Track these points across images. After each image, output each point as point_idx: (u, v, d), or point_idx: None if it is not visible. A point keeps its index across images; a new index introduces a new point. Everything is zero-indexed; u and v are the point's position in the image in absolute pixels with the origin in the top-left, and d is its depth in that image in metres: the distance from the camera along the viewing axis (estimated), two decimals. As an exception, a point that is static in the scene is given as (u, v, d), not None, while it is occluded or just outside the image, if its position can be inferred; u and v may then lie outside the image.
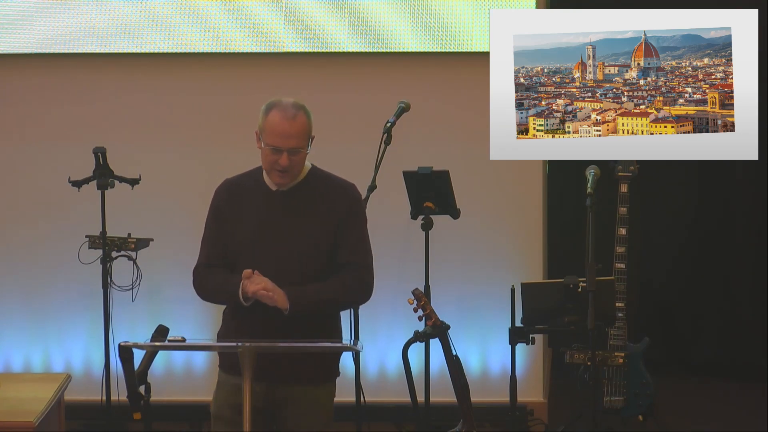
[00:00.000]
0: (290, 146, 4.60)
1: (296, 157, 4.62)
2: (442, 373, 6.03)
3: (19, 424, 5.06)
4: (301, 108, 4.64)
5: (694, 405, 7.51)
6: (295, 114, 4.61)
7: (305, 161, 4.72)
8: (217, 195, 4.79)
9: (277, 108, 4.63)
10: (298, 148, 4.61)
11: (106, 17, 7.02)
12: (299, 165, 4.66)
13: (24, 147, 7.18)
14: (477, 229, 7.05)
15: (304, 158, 4.67)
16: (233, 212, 4.71)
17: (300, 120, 4.61)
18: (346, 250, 4.66)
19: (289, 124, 4.60)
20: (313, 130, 4.69)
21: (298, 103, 4.66)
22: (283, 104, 4.64)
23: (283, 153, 4.60)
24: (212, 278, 4.72)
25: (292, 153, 4.60)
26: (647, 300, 8.09)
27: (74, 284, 7.09)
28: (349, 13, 6.98)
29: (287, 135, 4.60)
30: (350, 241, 4.67)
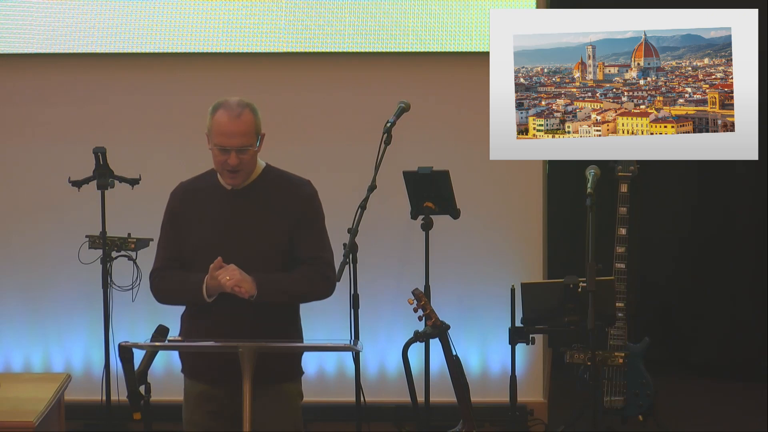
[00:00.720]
0: (237, 145, 4.58)
1: (245, 155, 4.60)
2: (442, 373, 6.03)
3: (19, 424, 5.06)
4: (247, 106, 4.63)
5: (694, 405, 7.51)
6: (240, 112, 4.60)
7: (257, 160, 4.70)
8: (173, 198, 4.79)
9: (222, 108, 4.62)
10: (245, 146, 4.59)
11: (106, 17, 7.02)
12: (250, 164, 4.64)
13: (24, 147, 7.18)
14: (477, 229, 7.05)
15: (253, 156, 4.65)
16: (189, 214, 4.71)
17: (245, 118, 4.60)
18: (306, 247, 4.66)
19: (235, 123, 4.58)
20: (262, 128, 4.67)
21: (244, 101, 4.65)
22: (228, 103, 4.62)
23: (230, 152, 4.59)
24: (170, 279, 4.72)
25: (240, 152, 4.59)
26: (647, 300, 8.09)
27: (74, 284, 7.09)
28: (349, 13, 6.98)
29: (233, 134, 4.58)
30: (309, 238, 4.67)
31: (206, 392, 4.68)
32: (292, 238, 4.64)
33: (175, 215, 4.74)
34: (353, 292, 5.96)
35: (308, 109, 7.12)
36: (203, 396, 4.69)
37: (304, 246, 4.66)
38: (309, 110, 7.12)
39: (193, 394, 4.72)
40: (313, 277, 4.66)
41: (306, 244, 4.66)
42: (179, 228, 4.71)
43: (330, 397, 7.10)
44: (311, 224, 4.69)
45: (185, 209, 4.72)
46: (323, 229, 4.74)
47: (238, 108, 4.60)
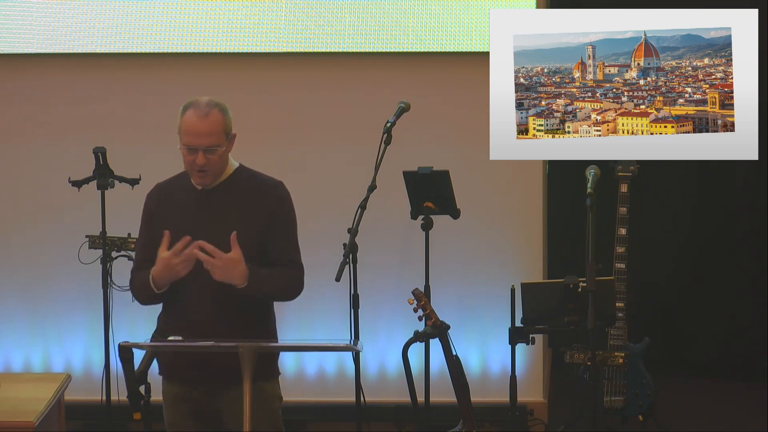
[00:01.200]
0: (204, 144, 4.58)
1: (213, 155, 4.59)
2: (442, 373, 6.03)
3: (19, 424, 5.06)
4: (216, 105, 4.62)
5: (694, 405, 7.51)
6: (208, 112, 4.59)
7: (228, 159, 4.69)
8: (148, 199, 4.81)
9: (191, 107, 4.62)
10: (213, 146, 4.58)
11: (106, 17, 7.02)
12: (218, 164, 4.63)
13: (24, 147, 7.18)
14: (477, 229, 7.05)
15: (222, 156, 4.63)
16: (163, 215, 4.71)
17: (213, 118, 4.59)
18: (277, 250, 4.66)
19: (201, 122, 4.58)
20: (233, 128, 4.67)
21: (214, 100, 4.64)
22: (197, 103, 4.63)
23: (198, 152, 4.58)
24: (137, 278, 4.76)
25: (207, 152, 4.58)
26: (647, 300, 8.09)
27: (74, 284, 7.09)
28: (349, 13, 6.98)
29: (200, 133, 4.58)
30: (280, 241, 4.67)
31: (183, 393, 4.69)
32: (264, 240, 4.64)
33: (149, 216, 4.76)
34: (353, 292, 5.96)
35: (308, 109, 7.12)
36: (180, 397, 4.69)
37: (274, 248, 4.66)
38: (309, 110, 7.12)
39: (170, 396, 4.71)
40: (286, 278, 4.67)
41: (277, 247, 4.66)
42: (154, 229, 4.72)
43: (330, 397, 7.10)
44: (282, 226, 4.69)
45: (159, 210, 4.73)
46: (294, 231, 4.75)
47: (207, 108, 4.60)
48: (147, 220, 4.76)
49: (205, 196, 4.67)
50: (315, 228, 7.03)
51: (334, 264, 5.51)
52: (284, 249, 4.67)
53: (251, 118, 7.09)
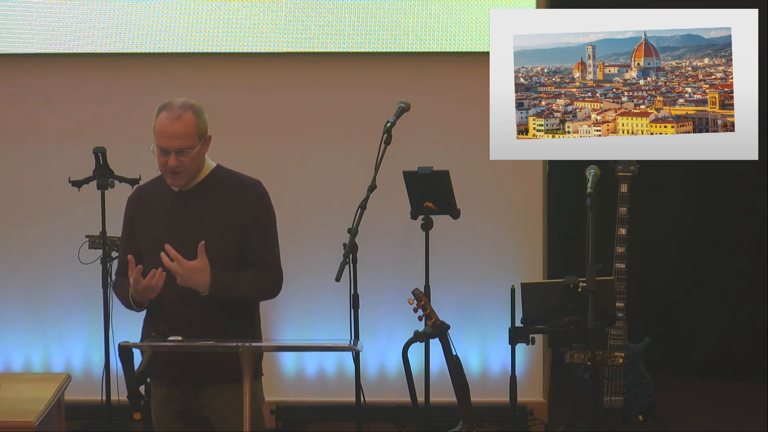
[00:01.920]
0: (175, 147, 4.57)
1: (184, 157, 4.58)
2: (442, 373, 6.03)
3: (19, 424, 5.06)
4: (190, 108, 4.60)
5: (694, 405, 7.51)
6: (181, 114, 4.57)
7: (204, 160, 4.68)
8: (129, 203, 4.81)
9: (165, 109, 4.61)
10: (184, 148, 4.57)
11: (107, 17, 7.02)
12: (191, 165, 4.61)
13: (24, 147, 7.18)
14: (477, 229, 7.05)
15: (195, 158, 4.61)
16: (141, 218, 4.72)
17: (185, 120, 4.57)
18: (254, 250, 4.65)
19: (173, 124, 4.56)
20: (208, 129, 4.65)
21: (189, 102, 4.62)
22: (171, 105, 4.61)
23: (170, 154, 4.58)
24: (118, 288, 4.77)
25: (179, 154, 4.57)
26: (647, 300, 8.09)
27: (74, 284, 7.09)
28: (349, 13, 6.98)
29: (172, 135, 4.56)
30: (257, 241, 4.66)
31: (168, 394, 4.69)
32: (242, 240, 4.64)
33: (129, 220, 4.77)
34: (353, 292, 5.96)
35: (308, 109, 7.12)
36: (166, 398, 4.70)
37: (252, 249, 4.66)
38: (309, 110, 7.12)
39: (157, 397, 4.71)
40: (261, 280, 4.66)
41: (254, 247, 4.66)
42: (132, 232, 4.73)
43: (330, 397, 7.10)
44: (259, 226, 4.68)
45: (138, 213, 4.74)
46: (272, 231, 4.73)
47: (180, 110, 4.58)
48: (126, 225, 4.78)
49: (181, 197, 4.67)
50: (315, 228, 7.04)
51: (334, 264, 5.51)
52: (260, 250, 4.67)
53: (251, 118, 7.10)
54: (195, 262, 4.52)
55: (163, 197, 4.69)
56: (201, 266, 4.53)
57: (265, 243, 4.69)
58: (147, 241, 4.67)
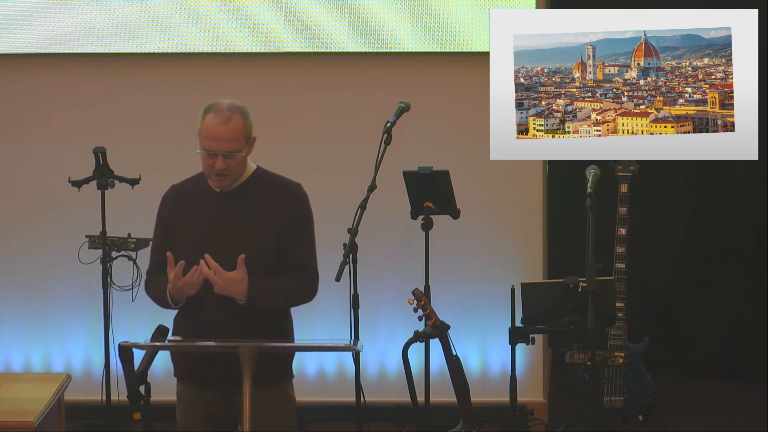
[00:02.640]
0: (224, 150, 4.56)
1: (232, 160, 4.58)
2: (442, 373, 6.03)
3: (19, 424, 5.05)
4: (237, 110, 4.59)
5: (694, 405, 7.51)
6: (229, 117, 4.56)
7: (246, 163, 4.68)
8: (164, 202, 4.79)
9: (212, 111, 4.59)
10: (232, 151, 4.57)
11: (106, 17, 7.02)
12: (237, 168, 4.62)
13: (24, 147, 7.18)
14: (477, 229, 7.05)
15: (241, 161, 4.62)
16: (179, 217, 4.70)
17: (233, 123, 4.57)
18: (294, 253, 4.65)
19: (222, 127, 4.56)
20: (253, 131, 4.65)
21: (235, 104, 4.61)
22: (218, 107, 4.60)
23: (218, 157, 4.57)
24: (151, 286, 4.75)
25: (227, 157, 4.57)
26: (647, 300, 8.09)
27: (74, 284, 7.09)
28: (349, 13, 6.98)
29: (220, 138, 4.56)
30: (297, 243, 4.66)
31: (197, 395, 4.68)
32: (281, 242, 4.63)
33: (165, 219, 4.75)
34: (353, 292, 5.96)
35: (308, 109, 7.12)
36: (193, 399, 4.69)
37: (291, 252, 4.65)
38: (309, 110, 7.12)
39: (185, 397, 4.71)
40: (299, 284, 4.67)
41: (294, 250, 4.66)
42: (169, 231, 4.71)
43: (330, 397, 7.10)
44: (300, 229, 4.68)
45: (175, 212, 4.72)
46: (311, 234, 4.74)
47: (228, 112, 4.57)
48: (161, 223, 4.75)
49: (223, 198, 4.66)
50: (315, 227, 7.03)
51: (334, 264, 5.50)
52: (299, 253, 4.66)
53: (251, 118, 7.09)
54: (233, 274, 4.51)
55: (203, 197, 4.68)
56: (239, 278, 4.52)
57: (304, 246, 4.68)
58: (186, 240, 4.65)
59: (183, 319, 4.72)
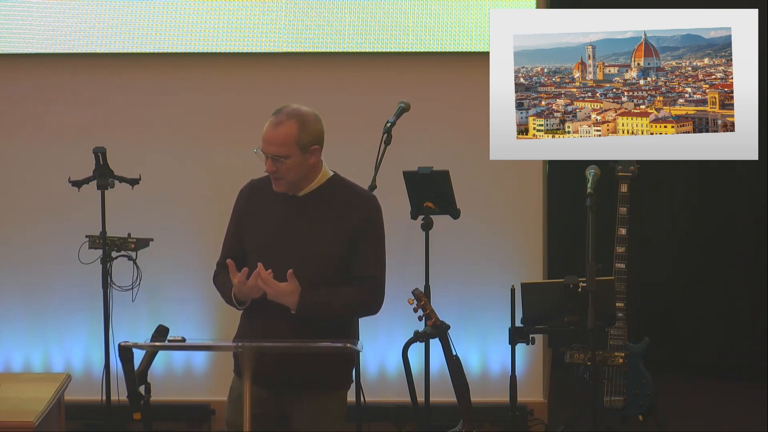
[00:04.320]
0: (271, 153, 4.57)
1: (281, 165, 4.57)
2: (442, 373, 6.03)
3: (19, 424, 5.06)
4: (295, 116, 4.58)
5: (694, 405, 7.51)
6: (282, 121, 4.56)
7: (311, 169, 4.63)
8: (241, 195, 4.80)
9: (274, 113, 4.61)
10: (279, 155, 4.55)
11: (106, 17, 7.02)
12: (291, 173, 4.59)
13: (24, 147, 7.18)
14: (477, 229, 7.05)
15: (294, 167, 4.59)
16: (251, 213, 4.71)
17: (284, 128, 4.56)
18: (362, 263, 4.63)
19: (273, 130, 4.57)
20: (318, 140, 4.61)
21: (300, 110, 4.60)
22: (280, 110, 4.61)
23: (268, 158, 4.59)
24: (217, 280, 4.76)
25: (275, 160, 4.57)
26: (647, 300, 8.09)
27: (74, 284, 7.09)
28: (349, 13, 6.98)
29: (269, 141, 4.57)
30: (367, 254, 4.64)
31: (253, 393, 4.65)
32: (349, 252, 4.61)
33: (239, 213, 4.75)
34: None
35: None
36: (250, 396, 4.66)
37: (359, 262, 4.63)
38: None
39: (235, 392, 4.70)
40: (362, 296, 4.64)
41: (361, 261, 4.63)
42: (241, 226, 4.72)
43: (330, 397, 7.09)
44: (369, 240, 4.64)
45: (248, 208, 4.72)
46: (381, 246, 4.70)
47: (284, 117, 4.57)
48: (235, 216, 4.77)
49: (294, 202, 4.64)
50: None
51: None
52: (366, 264, 4.64)
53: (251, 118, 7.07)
54: (284, 285, 4.51)
55: (276, 198, 4.67)
56: (289, 290, 4.52)
57: (372, 258, 4.66)
58: (254, 239, 4.66)
59: (247, 320, 4.72)
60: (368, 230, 4.65)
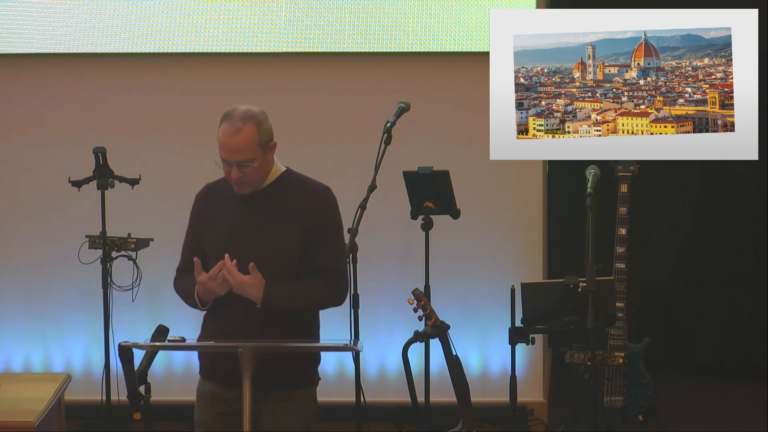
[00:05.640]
0: (236, 160, 4.54)
1: (246, 169, 4.55)
2: (442, 373, 6.03)
3: (19, 424, 5.06)
4: (250, 118, 4.55)
5: (694, 405, 7.51)
6: (240, 128, 4.53)
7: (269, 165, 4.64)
8: (197, 200, 4.78)
9: (225, 120, 4.56)
10: (245, 161, 4.54)
11: (106, 17, 7.02)
12: (254, 175, 4.58)
13: (24, 147, 7.18)
14: (477, 229, 7.05)
15: (258, 169, 4.58)
16: (208, 216, 4.70)
17: (245, 133, 4.53)
18: (321, 256, 4.62)
19: (233, 138, 4.53)
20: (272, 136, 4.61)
21: (250, 111, 4.57)
22: (231, 116, 4.56)
23: (233, 166, 4.57)
24: (179, 285, 4.76)
25: (241, 166, 4.55)
26: (647, 300, 8.09)
27: (74, 284, 7.09)
28: (349, 13, 6.98)
29: (232, 149, 4.53)
30: (324, 248, 4.62)
31: (218, 393, 4.67)
32: (306, 246, 4.60)
33: (195, 217, 4.75)
34: (353, 292, 5.96)
35: (308, 109, 7.12)
36: (215, 397, 4.68)
37: (318, 255, 4.62)
38: (309, 110, 7.12)
39: (205, 394, 4.70)
40: (325, 287, 4.62)
41: (320, 254, 4.62)
42: (198, 230, 4.72)
43: (330, 397, 7.07)
44: (327, 233, 4.63)
45: (204, 211, 4.72)
46: (340, 237, 4.69)
47: (240, 122, 4.54)
48: (192, 222, 4.76)
49: (249, 199, 4.63)
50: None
51: (334, 264, 5.50)
52: (325, 256, 4.62)
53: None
54: (247, 278, 4.50)
55: (231, 198, 4.66)
56: (252, 282, 4.50)
57: (331, 249, 4.64)
58: (212, 240, 4.65)
59: (209, 319, 4.71)
60: (324, 222, 4.64)
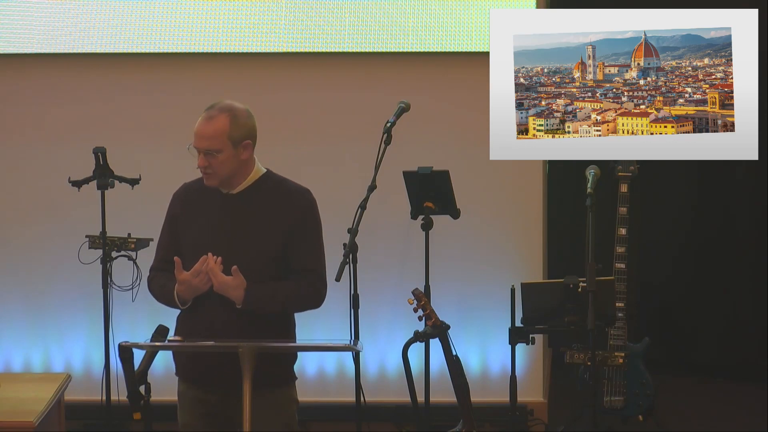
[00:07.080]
0: (203, 147, 4.56)
1: (213, 159, 4.56)
2: (442, 373, 6.03)
3: (19, 424, 5.06)
4: (227, 111, 4.58)
5: (694, 405, 7.51)
6: (214, 116, 4.56)
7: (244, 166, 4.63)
8: (173, 199, 4.79)
9: (206, 109, 4.61)
10: (211, 149, 4.55)
11: (106, 17, 7.02)
12: (221, 167, 4.58)
13: (24, 147, 7.18)
14: (477, 229, 7.05)
15: (226, 162, 4.58)
16: (185, 216, 4.70)
17: (216, 123, 4.56)
18: (300, 258, 4.63)
19: (204, 124, 4.57)
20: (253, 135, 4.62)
21: (231, 105, 4.60)
22: (212, 105, 4.61)
23: (200, 154, 4.58)
24: (155, 283, 4.75)
25: (207, 154, 4.56)
26: (647, 300, 8.09)
27: (74, 284, 7.09)
28: (349, 13, 6.98)
29: (201, 135, 4.57)
30: (303, 250, 4.63)
31: (199, 397, 4.68)
32: (286, 247, 4.61)
33: (173, 216, 4.74)
34: (353, 292, 5.96)
35: (308, 109, 7.12)
36: (196, 400, 4.69)
37: (296, 257, 4.63)
38: (309, 110, 7.12)
39: (187, 397, 4.71)
40: (303, 289, 4.63)
41: (299, 255, 4.63)
42: (176, 229, 4.71)
43: (330, 397, 7.10)
44: (306, 235, 4.65)
45: (183, 211, 4.71)
46: (318, 240, 4.70)
47: (216, 111, 4.57)
48: (169, 220, 4.76)
49: (227, 200, 4.65)
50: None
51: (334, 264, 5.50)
52: (304, 258, 4.63)
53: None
54: (229, 279, 4.51)
55: (210, 198, 4.67)
56: (234, 284, 4.52)
57: (309, 251, 4.65)
58: (190, 240, 4.65)
59: (186, 318, 4.71)
60: (303, 224, 4.65)
